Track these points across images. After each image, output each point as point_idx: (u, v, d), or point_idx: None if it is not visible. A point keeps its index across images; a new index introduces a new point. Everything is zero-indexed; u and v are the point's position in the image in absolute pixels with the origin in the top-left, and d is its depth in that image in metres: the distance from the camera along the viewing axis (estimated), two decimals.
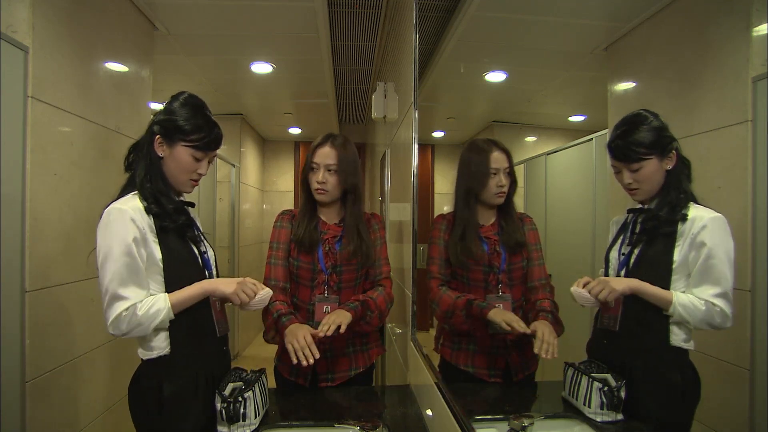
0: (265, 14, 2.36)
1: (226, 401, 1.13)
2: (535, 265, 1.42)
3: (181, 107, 1.20)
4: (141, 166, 1.20)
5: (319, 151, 1.51)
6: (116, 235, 1.09)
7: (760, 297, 0.74)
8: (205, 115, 1.22)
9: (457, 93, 1.97)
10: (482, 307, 1.33)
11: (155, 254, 1.15)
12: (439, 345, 1.53)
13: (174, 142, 1.19)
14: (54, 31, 1.58)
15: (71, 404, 1.69)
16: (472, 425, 1.02)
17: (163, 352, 1.15)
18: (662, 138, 0.96)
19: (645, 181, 0.99)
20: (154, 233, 1.15)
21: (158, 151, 1.20)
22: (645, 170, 0.99)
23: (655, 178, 0.99)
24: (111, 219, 1.11)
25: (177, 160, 1.20)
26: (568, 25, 1.25)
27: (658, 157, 0.97)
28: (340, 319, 1.36)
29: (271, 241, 1.56)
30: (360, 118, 5.04)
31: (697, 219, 0.92)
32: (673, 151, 0.96)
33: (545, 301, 1.36)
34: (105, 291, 1.09)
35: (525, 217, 1.45)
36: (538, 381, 1.42)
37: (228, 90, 3.71)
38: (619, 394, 1.00)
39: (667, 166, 0.97)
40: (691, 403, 0.87)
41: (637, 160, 0.98)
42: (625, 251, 1.05)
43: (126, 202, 1.14)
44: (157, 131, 1.19)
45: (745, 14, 0.72)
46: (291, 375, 1.52)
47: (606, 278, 1.00)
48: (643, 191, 1.01)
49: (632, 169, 0.99)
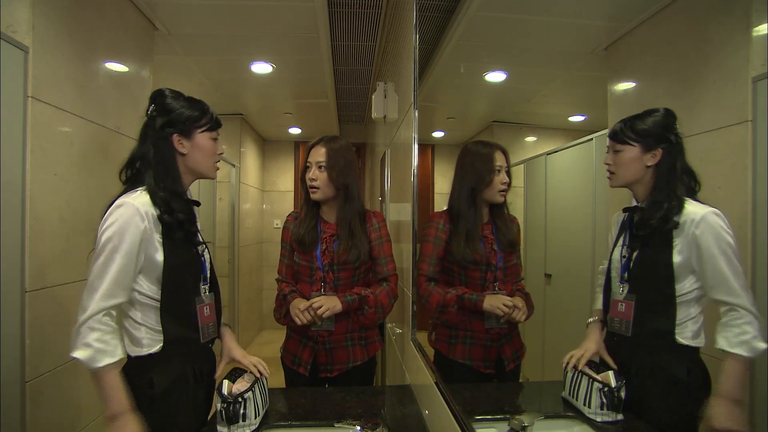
0: (265, 14, 2.36)
1: (226, 402, 1.13)
2: (520, 263, 1.50)
3: (174, 101, 1.21)
4: (150, 174, 1.18)
5: (312, 151, 1.58)
6: (122, 233, 1.09)
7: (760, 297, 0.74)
8: (195, 99, 1.26)
9: (457, 93, 1.96)
10: (475, 299, 1.39)
11: (156, 256, 1.15)
12: (433, 340, 1.54)
13: (191, 133, 1.22)
14: (54, 31, 1.58)
15: (71, 404, 1.69)
16: (472, 425, 1.02)
17: (153, 348, 1.14)
18: (653, 132, 0.96)
19: (621, 165, 1.01)
20: (159, 233, 1.15)
21: (180, 149, 1.21)
22: (623, 155, 1.00)
23: (631, 167, 0.99)
24: (120, 213, 1.10)
25: (201, 147, 1.24)
26: (568, 25, 1.25)
27: (641, 148, 0.97)
28: (329, 304, 1.47)
29: (281, 241, 1.69)
30: (360, 118, 5.04)
31: (692, 217, 0.91)
32: (658, 149, 0.96)
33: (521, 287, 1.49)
34: (92, 285, 1.08)
35: (513, 218, 1.49)
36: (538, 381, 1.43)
37: (228, 90, 3.70)
38: (619, 394, 1.00)
39: (648, 161, 0.97)
40: (701, 400, 0.87)
41: (621, 141, 1.00)
42: (626, 254, 1.05)
43: (136, 198, 1.13)
44: (173, 132, 1.20)
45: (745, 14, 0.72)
46: (293, 364, 1.59)
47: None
48: (618, 176, 1.02)
49: (615, 149, 1.01)
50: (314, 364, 1.57)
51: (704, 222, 0.89)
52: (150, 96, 1.24)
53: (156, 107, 1.21)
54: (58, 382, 1.62)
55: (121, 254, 1.09)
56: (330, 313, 1.47)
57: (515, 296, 1.43)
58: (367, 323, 1.58)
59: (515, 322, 1.38)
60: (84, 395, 1.74)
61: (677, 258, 0.94)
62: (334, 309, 1.48)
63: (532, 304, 1.42)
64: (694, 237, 0.91)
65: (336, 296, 1.52)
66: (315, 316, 1.47)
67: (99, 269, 1.08)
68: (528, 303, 1.41)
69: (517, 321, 1.38)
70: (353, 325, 1.58)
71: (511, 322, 1.38)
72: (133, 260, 1.11)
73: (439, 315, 1.46)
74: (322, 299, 1.48)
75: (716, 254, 0.88)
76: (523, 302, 1.40)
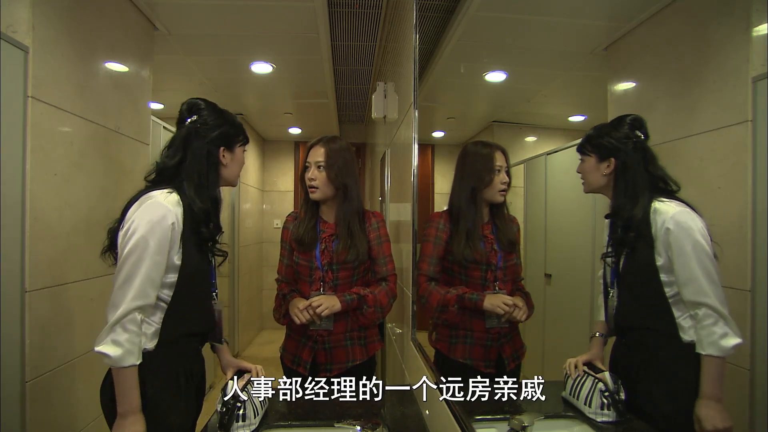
0: (265, 14, 2.36)
1: (225, 402, 1.13)
2: (520, 263, 1.51)
3: (219, 117, 1.28)
4: (190, 185, 1.20)
5: (311, 151, 1.59)
6: (155, 230, 1.10)
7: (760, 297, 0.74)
8: (230, 113, 1.34)
9: (457, 93, 1.96)
10: (475, 299, 1.39)
11: (175, 259, 1.15)
12: (433, 339, 1.54)
13: (233, 147, 1.32)
14: (54, 31, 1.58)
15: (71, 404, 1.70)
16: (472, 425, 1.02)
17: (147, 346, 1.13)
18: (604, 144, 1.01)
19: (585, 174, 1.08)
20: (180, 238, 1.15)
21: (223, 161, 1.29)
22: (584, 165, 1.08)
23: (592, 176, 1.06)
24: (154, 212, 1.11)
25: (237, 160, 1.35)
26: (568, 25, 1.25)
27: (596, 158, 1.04)
28: (328, 303, 1.48)
29: (280, 241, 1.70)
30: (360, 118, 5.04)
31: (661, 218, 0.92)
32: (611, 159, 1.00)
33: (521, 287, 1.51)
34: (125, 283, 1.08)
35: (513, 218, 1.49)
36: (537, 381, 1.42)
37: (228, 90, 3.70)
38: (620, 395, 1.00)
39: (604, 171, 1.03)
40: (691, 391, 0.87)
41: (582, 152, 1.08)
42: (612, 262, 1.05)
43: (166, 198, 1.14)
44: (220, 144, 1.27)
45: (745, 14, 0.72)
46: (293, 364, 1.60)
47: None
48: (586, 183, 1.09)
49: (580, 158, 1.08)
50: (314, 363, 1.58)
51: (673, 221, 0.90)
52: (185, 106, 1.25)
53: (198, 119, 1.24)
54: (58, 382, 1.62)
55: (153, 252, 1.09)
56: (329, 312, 1.48)
57: (516, 296, 1.43)
58: (366, 323, 1.58)
59: (516, 321, 1.39)
60: (84, 395, 1.74)
61: (660, 261, 0.94)
62: (333, 308, 1.48)
63: (533, 303, 1.42)
64: (665, 236, 0.92)
65: (335, 296, 1.52)
66: (314, 315, 1.47)
67: (131, 267, 1.08)
68: (528, 303, 1.41)
69: (518, 320, 1.38)
70: (352, 325, 1.58)
71: (511, 321, 1.39)
72: (164, 259, 1.12)
73: (439, 314, 1.46)
74: (321, 298, 1.49)
75: (685, 253, 0.89)
76: (524, 302, 1.40)
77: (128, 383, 1.09)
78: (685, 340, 0.93)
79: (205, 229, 1.20)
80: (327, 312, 1.47)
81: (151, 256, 1.09)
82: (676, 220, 0.90)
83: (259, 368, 1.33)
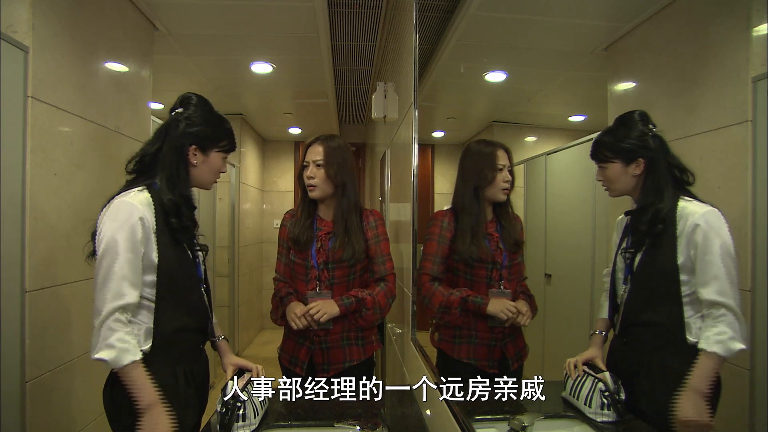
0: (265, 14, 2.36)
1: (225, 403, 1.13)
2: (523, 261, 1.50)
3: (204, 114, 1.24)
4: (162, 177, 1.19)
5: (309, 149, 1.59)
6: (123, 230, 1.09)
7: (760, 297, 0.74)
8: (221, 116, 1.28)
9: (457, 93, 1.97)
10: (479, 303, 1.39)
11: (152, 256, 1.15)
12: (435, 340, 1.54)
13: (208, 150, 1.25)
14: (54, 31, 1.58)
15: (71, 404, 1.69)
16: (472, 425, 1.02)
17: (143, 347, 1.13)
18: (628, 145, 0.98)
19: (611, 181, 1.04)
20: (154, 233, 1.15)
21: (192, 160, 1.23)
22: (609, 172, 1.03)
23: (621, 180, 1.02)
24: (120, 211, 1.11)
25: (211, 165, 1.27)
26: (568, 25, 1.25)
27: (622, 163, 1.00)
28: (326, 308, 1.47)
29: (278, 239, 1.69)
30: (360, 118, 5.04)
31: (690, 216, 0.92)
32: (639, 159, 0.98)
33: (524, 288, 1.49)
34: (101, 285, 1.08)
35: (517, 216, 1.49)
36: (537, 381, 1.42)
37: (228, 90, 3.70)
38: (620, 395, 1.00)
39: (634, 172, 1.00)
40: (713, 400, 0.86)
41: (603, 160, 1.03)
42: (629, 256, 1.05)
43: (134, 197, 1.14)
44: (191, 142, 1.22)
45: (745, 14, 0.72)
46: (290, 364, 1.60)
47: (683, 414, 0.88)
48: (613, 190, 1.05)
49: (600, 167, 1.04)
50: (311, 363, 1.57)
51: (704, 218, 0.89)
52: (179, 98, 1.25)
53: (183, 112, 1.22)
54: (58, 382, 1.62)
55: (124, 250, 1.09)
56: (328, 317, 1.48)
57: (519, 299, 1.43)
58: (364, 324, 1.58)
59: (519, 326, 1.39)
60: (84, 395, 1.74)
61: (681, 260, 0.94)
62: (332, 313, 1.48)
63: (536, 305, 1.42)
64: (691, 236, 0.91)
65: (333, 300, 1.51)
66: (312, 322, 1.48)
67: (106, 270, 1.08)
68: (531, 305, 1.41)
69: (521, 325, 1.38)
70: (350, 326, 1.58)
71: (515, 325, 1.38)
72: (138, 255, 1.11)
73: (441, 316, 1.46)
74: (319, 304, 1.48)
75: (712, 251, 0.88)
76: (527, 306, 1.40)
77: (137, 379, 1.08)
78: (690, 341, 0.93)
79: (174, 220, 1.17)
80: (326, 317, 1.47)
81: (123, 254, 1.08)
82: (707, 218, 0.89)
83: (259, 368, 1.32)
